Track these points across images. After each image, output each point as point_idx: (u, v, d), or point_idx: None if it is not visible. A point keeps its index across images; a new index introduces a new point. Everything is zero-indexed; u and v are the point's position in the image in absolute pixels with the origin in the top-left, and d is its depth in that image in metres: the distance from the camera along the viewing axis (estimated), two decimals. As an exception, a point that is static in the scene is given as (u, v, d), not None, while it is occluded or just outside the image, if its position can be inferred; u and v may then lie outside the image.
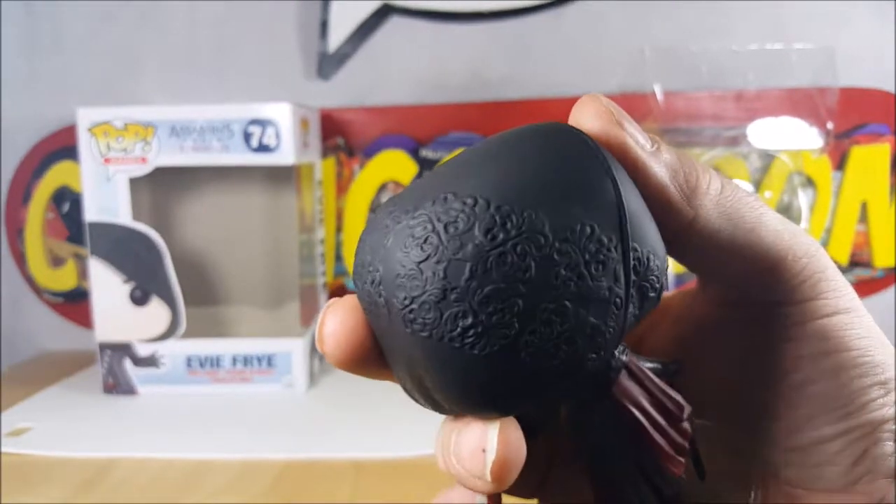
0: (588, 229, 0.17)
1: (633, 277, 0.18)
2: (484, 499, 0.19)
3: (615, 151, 0.19)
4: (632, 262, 0.18)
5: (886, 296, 0.73)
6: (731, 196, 0.20)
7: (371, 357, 0.19)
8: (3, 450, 0.51)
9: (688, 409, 0.19)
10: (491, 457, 0.17)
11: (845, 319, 0.20)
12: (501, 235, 0.16)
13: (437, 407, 0.19)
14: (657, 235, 0.19)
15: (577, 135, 0.18)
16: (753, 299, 0.20)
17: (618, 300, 0.17)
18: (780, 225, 0.20)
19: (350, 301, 0.19)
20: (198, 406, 0.60)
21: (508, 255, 0.16)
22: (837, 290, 0.20)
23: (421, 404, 0.19)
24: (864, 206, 0.73)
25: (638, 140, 0.19)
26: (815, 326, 0.20)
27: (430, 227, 0.17)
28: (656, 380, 0.20)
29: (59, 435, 0.54)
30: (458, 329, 0.16)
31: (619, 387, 0.19)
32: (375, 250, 0.18)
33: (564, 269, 0.17)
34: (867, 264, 0.73)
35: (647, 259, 0.18)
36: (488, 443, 0.18)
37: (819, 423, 0.20)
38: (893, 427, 0.19)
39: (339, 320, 0.19)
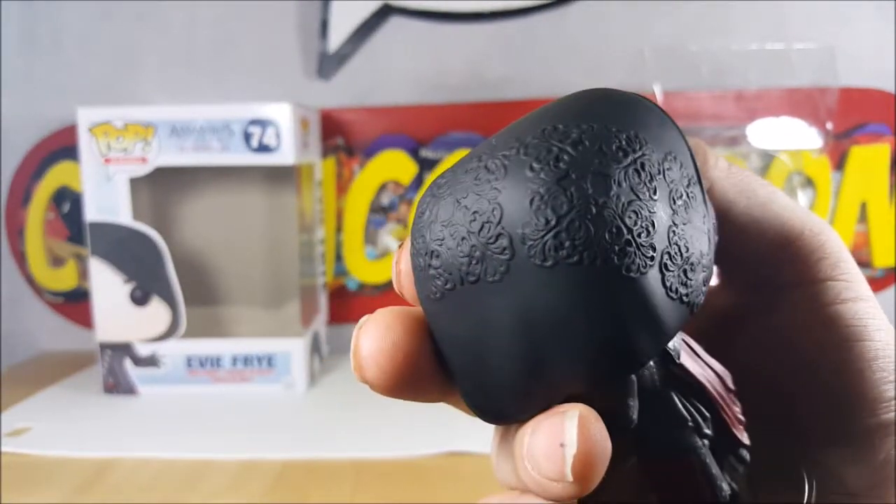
0: (679, 162, 0.16)
1: (708, 215, 0.17)
2: None
3: None
4: (705, 199, 0.17)
5: (886, 296, 0.73)
6: (739, 173, 0.20)
7: (426, 372, 0.17)
8: (3, 450, 0.51)
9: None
10: (571, 451, 0.15)
11: (865, 307, 0.19)
12: (629, 149, 0.15)
13: (538, 384, 0.16)
14: None
15: (631, 93, 0.18)
16: (773, 281, 0.20)
17: (709, 232, 0.17)
18: (792, 203, 0.20)
19: (385, 315, 0.17)
20: (198, 406, 0.60)
21: (639, 171, 0.15)
22: (855, 274, 0.20)
23: (498, 407, 0.17)
24: (863, 207, 0.73)
25: None
26: (837, 311, 0.19)
27: (555, 149, 0.15)
28: (703, 351, 0.19)
29: (58, 435, 0.54)
30: (614, 247, 0.14)
31: (681, 357, 0.18)
32: (481, 193, 0.16)
33: (673, 192, 0.16)
34: (867, 264, 0.73)
35: (710, 202, 0.18)
36: (566, 435, 0.15)
37: (843, 418, 0.19)
38: None
39: (377, 338, 0.16)
